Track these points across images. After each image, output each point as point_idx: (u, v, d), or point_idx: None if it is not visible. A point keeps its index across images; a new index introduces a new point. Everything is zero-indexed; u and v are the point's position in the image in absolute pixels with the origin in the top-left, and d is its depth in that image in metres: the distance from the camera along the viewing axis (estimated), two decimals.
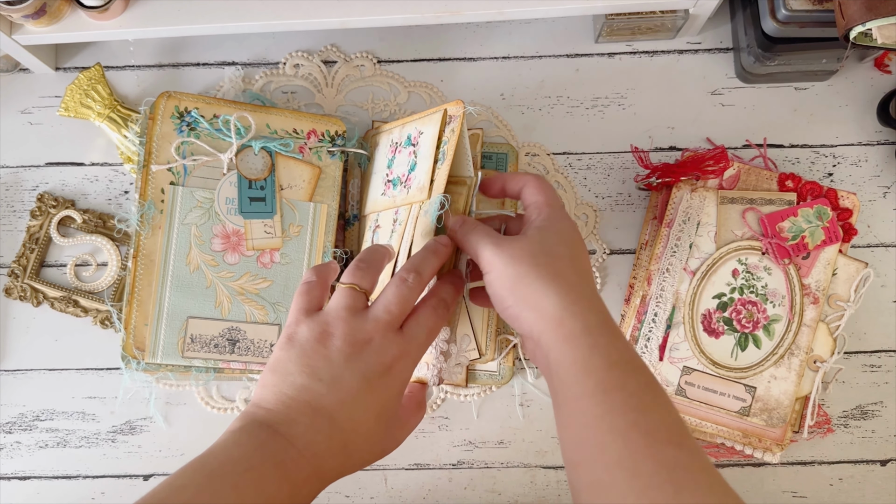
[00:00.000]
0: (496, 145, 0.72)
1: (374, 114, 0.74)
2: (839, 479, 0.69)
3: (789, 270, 0.67)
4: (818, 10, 0.63)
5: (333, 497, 0.69)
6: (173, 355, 0.65)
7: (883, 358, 0.70)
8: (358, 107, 0.74)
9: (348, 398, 0.46)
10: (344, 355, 0.47)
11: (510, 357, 0.69)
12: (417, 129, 0.63)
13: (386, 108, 0.74)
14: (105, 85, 0.72)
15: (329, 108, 0.74)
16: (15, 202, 0.73)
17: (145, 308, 0.65)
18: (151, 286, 0.65)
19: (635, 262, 0.71)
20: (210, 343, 0.65)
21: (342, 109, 0.74)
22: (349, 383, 0.46)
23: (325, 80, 0.75)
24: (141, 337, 0.65)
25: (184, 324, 0.65)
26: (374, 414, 0.48)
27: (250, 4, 0.65)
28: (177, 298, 0.65)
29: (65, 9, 0.66)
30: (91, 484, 0.69)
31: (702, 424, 0.66)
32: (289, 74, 0.75)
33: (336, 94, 0.74)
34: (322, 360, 0.47)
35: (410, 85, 0.75)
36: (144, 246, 0.65)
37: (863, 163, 0.73)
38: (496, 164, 0.71)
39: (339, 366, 0.46)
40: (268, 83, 0.74)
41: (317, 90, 0.74)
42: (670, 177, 0.69)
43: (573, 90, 0.75)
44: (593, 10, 0.67)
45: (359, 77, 0.75)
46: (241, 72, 0.74)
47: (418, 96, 0.75)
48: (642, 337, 0.67)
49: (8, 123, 0.74)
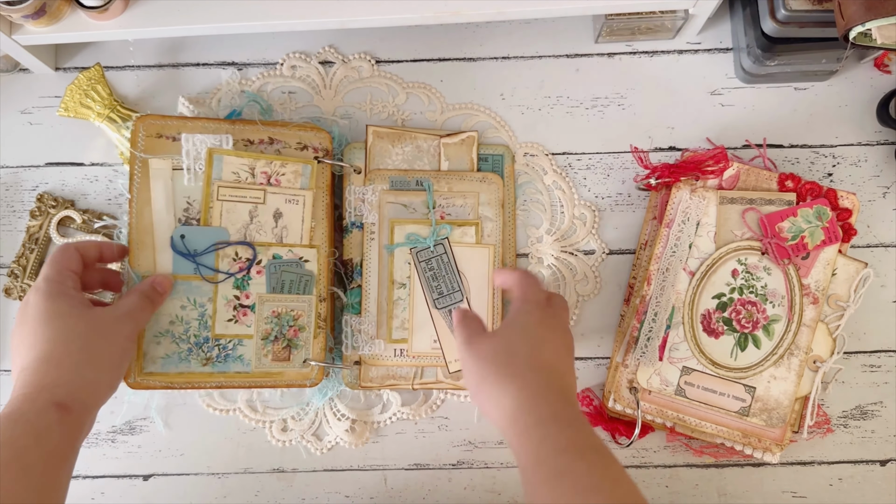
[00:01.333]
0: (492, 146, 0.72)
1: (373, 114, 0.74)
2: (839, 479, 0.69)
3: (789, 270, 0.67)
4: (818, 10, 0.63)
5: (333, 497, 0.69)
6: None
7: (883, 358, 0.71)
8: (356, 108, 0.74)
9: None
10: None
11: None
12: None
13: (384, 109, 0.74)
14: (105, 85, 0.72)
15: (327, 109, 0.74)
16: (15, 202, 0.73)
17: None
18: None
19: (635, 262, 0.71)
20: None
21: (340, 110, 0.74)
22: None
23: (322, 82, 0.75)
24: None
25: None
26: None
27: (250, 4, 0.65)
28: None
29: (65, 9, 0.66)
30: (91, 484, 0.69)
31: (701, 424, 0.67)
32: (286, 76, 0.75)
33: (334, 95, 0.74)
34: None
35: (409, 86, 0.75)
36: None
37: (862, 163, 0.73)
38: (492, 166, 0.72)
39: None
40: (265, 84, 0.74)
41: (315, 92, 0.74)
42: (670, 177, 0.69)
43: (573, 90, 0.75)
44: (593, 10, 0.67)
45: (357, 78, 0.75)
46: (237, 74, 0.74)
47: (416, 97, 0.75)
48: (642, 337, 0.67)
49: (8, 123, 0.74)
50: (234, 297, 0.65)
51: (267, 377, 0.65)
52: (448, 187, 0.70)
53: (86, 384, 0.53)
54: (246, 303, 0.65)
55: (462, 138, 0.71)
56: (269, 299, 0.66)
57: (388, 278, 0.68)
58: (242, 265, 0.65)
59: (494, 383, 0.53)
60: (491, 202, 0.70)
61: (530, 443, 0.50)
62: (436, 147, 0.71)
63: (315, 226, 0.67)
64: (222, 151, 0.64)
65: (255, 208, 0.65)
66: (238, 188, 0.65)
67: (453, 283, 0.68)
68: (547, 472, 0.48)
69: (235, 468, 0.70)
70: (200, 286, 0.64)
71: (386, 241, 0.69)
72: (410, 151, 0.70)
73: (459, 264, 0.69)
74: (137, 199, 0.64)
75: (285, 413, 0.70)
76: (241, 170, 0.65)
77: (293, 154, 0.67)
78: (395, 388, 0.69)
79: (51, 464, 0.49)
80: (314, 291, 0.66)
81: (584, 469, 0.48)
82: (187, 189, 0.64)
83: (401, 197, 0.69)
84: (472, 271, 0.69)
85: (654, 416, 0.67)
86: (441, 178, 0.70)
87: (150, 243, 0.64)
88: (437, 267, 0.68)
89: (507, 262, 0.70)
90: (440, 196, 0.69)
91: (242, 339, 0.65)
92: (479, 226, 0.69)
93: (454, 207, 0.70)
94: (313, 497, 0.69)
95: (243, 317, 0.65)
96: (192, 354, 0.64)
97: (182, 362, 0.64)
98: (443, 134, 0.71)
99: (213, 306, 0.64)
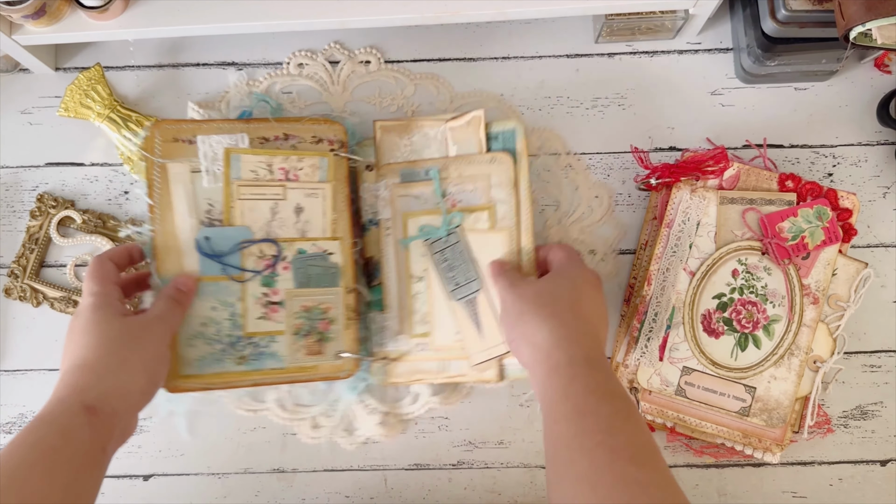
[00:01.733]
0: (502, 122, 0.68)
1: (382, 108, 0.74)
2: (839, 480, 0.69)
3: (789, 271, 0.67)
4: (818, 11, 0.63)
5: (333, 497, 0.69)
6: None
7: (883, 358, 0.70)
8: (365, 102, 0.74)
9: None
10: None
11: None
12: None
13: (394, 101, 0.74)
14: (105, 85, 0.72)
15: (337, 105, 0.74)
16: (15, 202, 0.73)
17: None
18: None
19: (635, 262, 0.71)
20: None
21: (349, 106, 0.74)
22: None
23: (330, 79, 0.75)
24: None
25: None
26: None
27: (250, 4, 0.65)
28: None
29: (65, 9, 0.66)
30: None
31: (702, 424, 0.66)
32: (293, 74, 0.75)
33: (342, 91, 0.74)
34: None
35: (417, 77, 0.75)
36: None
37: (863, 163, 0.73)
38: (503, 144, 0.68)
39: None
40: (272, 84, 0.74)
41: (323, 89, 0.74)
42: (670, 177, 0.69)
43: (573, 90, 0.75)
44: (593, 10, 0.67)
45: (364, 73, 0.75)
46: (245, 76, 0.74)
47: (425, 88, 0.75)
48: (642, 337, 0.67)
49: (8, 123, 0.74)
50: (263, 295, 0.65)
51: (301, 372, 0.65)
52: (458, 172, 0.68)
53: (116, 388, 0.53)
54: (275, 299, 0.65)
55: (467, 119, 0.68)
56: (298, 294, 0.66)
57: (405, 273, 0.68)
58: (268, 262, 0.65)
59: (532, 321, 0.56)
60: (503, 183, 0.67)
61: (560, 379, 0.53)
62: (443, 133, 0.69)
63: (336, 218, 0.66)
64: (240, 151, 0.64)
65: (275, 205, 0.65)
66: (258, 186, 0.65)
67: (469, 272, 0.67)
68: (572, 408, 0.51)
69: (235, 468, 0.70)
70: (229, 286, 0.64)
71: (400, 235, 0.68)
72: (418, 140, 0.69)
73: (476, 252, 0.67)
74: (160, 205, 0.63)
75: (315, 410, 0.70)
76: (259, 167, 0.65)
77: (309, 148, 0.67)
78: (422, 384, 0.69)
79: (78, 465, 0.49)
80: (341, 283, 0.66)
81: (607, 411, 0.50)
82: (207, 191, 0.64)
83: (411, 189, 0.68)
84: (489, 259, 0.67)
85: (654, 416, 0.67)
86: (450, 164, 0.68)
87: (175, 247, 0.63)
88: (451, 257, 0.67)
89: (523, 244, 0.67)
90: (450, 183, 0.68)
91: (275, 336, 0.65)
92: (493, 209, 0.67)
93: (465, 193, 0.68)
94: (313, 497, 0.69)
95: (273, 313, 0.65)
96: (227, 354, 0.64)
97: (217, 363, 0.64)
98: (448, 118, 0.69)
99: (242, 305, 0.64)
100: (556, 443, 0.51)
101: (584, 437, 0.49)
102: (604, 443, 0.48)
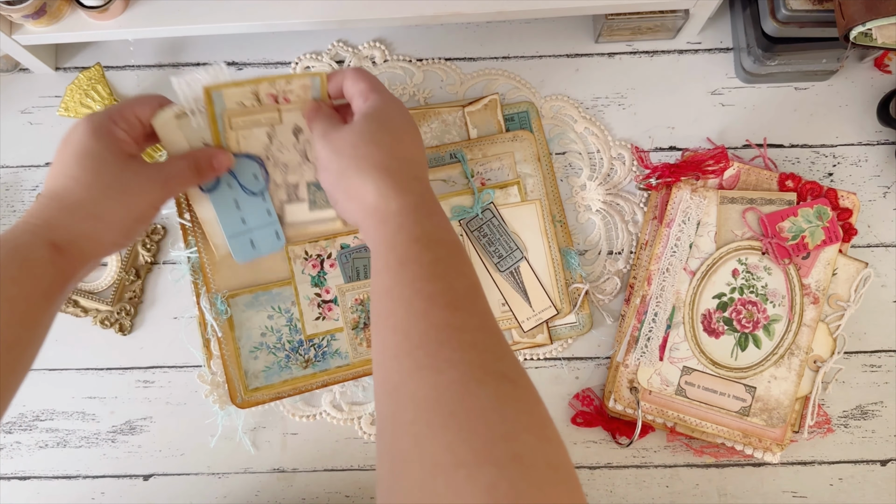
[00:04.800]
0: (515, 105, 0.73)
1: None
2: (839, 479, 0.69)
3: (789, 270, 0.67)
4: (818, 10, 0.63)
5: (333, 497, 0.69)
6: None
7: (883, 358, 0.70)
8: None
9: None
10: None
11: (586, 305, 0.70)
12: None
13: (405, 90, 0.74)
14: (105, 85, 0.72)
15: None
16: (15, 202, 0.73)
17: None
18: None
19: (635, 262, 0.71)
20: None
21: None
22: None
23: None
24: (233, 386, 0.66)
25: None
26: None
27: (250, 4, 0.65)
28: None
29: (65, 9, 0.66)
30: (91, 484, 0.69)
31: (702, 424, 0.66)
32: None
33: None
34: None
35: (423, 64, 0.75)
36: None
37: (863, 163, 0.73)
38: (519, 125, 0.72)
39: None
40: None
41: None
42: (670, 177, 0.69)
43: (573, 90, 0.75)
44: (593, 10, 0.67)
45: (371, 67, 0.75)
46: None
47: (433, 73, 0.75)
48: (642, 337, 0.67)
49: (8, 123, 0.74)
50: (316, 295, 0.65)
51: (367, 364, 0.66)
52: (482, 153, 0.71)
53: (89, 234, 0.51)
54: (328, 298, 0.65)
55: (484, 103, 0.72)
56: (349, 289, 0.66)
57: None
58: (315, 263, 0.65)
59: (355, 175, 0.51)
60: (527, 158, 0.71)
61: (387, 230, 0.49)
62: (461, 118, 0.72)
63: None
64: (220, 86, 0.58)
65: (272, 129, 0.60)
66: (250, 113, 0.59)
67: (510, 244, 0.69)
68: (394, 258, 0.48)
69: (235, 468, 0.70)
70: (280, 293, 0.64)
71: None
72: (438, 127, 0.71)
73: (510, 224, 0.69)
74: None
75: (370, 407, 0.70)
76: (245, 99, 0.59)
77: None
78: None
79: (35, 299, 0.48)
80: None
81: (429, 259, 0.47)
82: (197, 131, 0.58)
83: (438, 173, 0.70)
84: (525, 229, 0.70)
85: (654, 415, 0.67)
86: (473, 145, 0.71)
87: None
88: (489, 232, 0.69)
89: (554, 213, 0.70)
90: (476, 163, 0.70)
91: (335, 334, 0.65)
92: (521, 183, 0.70)
93: (492, 171, 0.70)
94: (313, 497, 0.69)
95: (329, 312, 0.65)
96: (291, 360, 0.64)
97: (283, 370, 0.64)
98: (465, 103, 0.72)
99: (297, 309, 0.64)
100: (378, 294, 0.48)
101: (403, 287, 0.46)
102: (422, 290, 0.46)
